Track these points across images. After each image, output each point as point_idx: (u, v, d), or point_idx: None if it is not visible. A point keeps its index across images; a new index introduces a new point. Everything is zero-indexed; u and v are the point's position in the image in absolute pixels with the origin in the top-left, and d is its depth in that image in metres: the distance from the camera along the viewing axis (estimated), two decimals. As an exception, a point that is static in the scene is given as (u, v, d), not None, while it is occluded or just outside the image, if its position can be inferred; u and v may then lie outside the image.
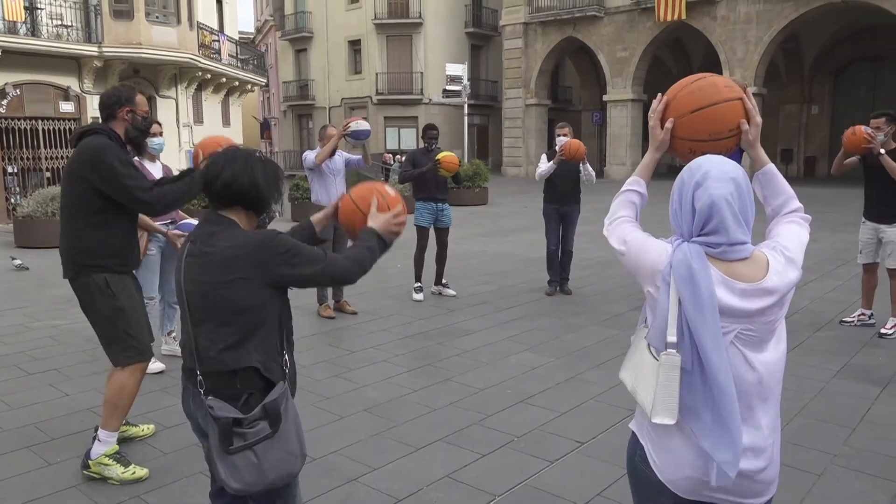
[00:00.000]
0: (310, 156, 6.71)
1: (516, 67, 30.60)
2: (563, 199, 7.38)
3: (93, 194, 3.19)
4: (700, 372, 1.60)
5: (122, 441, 3.60)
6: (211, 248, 2.03)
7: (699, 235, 1.64)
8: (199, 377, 2.03)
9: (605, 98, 29.10)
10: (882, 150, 5.44)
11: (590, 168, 7.30)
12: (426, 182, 7.20)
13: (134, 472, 3.30)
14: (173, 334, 5.31)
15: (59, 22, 16.55)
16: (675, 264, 1.61)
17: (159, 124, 4.96)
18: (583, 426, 3.94)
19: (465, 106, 24.76)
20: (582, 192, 7.47)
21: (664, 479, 1.71)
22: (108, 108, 3.34)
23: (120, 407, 3.33)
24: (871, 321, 5.97)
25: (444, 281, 7.54)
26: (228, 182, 2.06)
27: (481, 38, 35.33)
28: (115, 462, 3.29)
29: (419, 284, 7.32)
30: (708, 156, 1.71)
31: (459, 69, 24.51)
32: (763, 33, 24.12)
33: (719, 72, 25.60)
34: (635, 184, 1.98)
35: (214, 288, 2.00)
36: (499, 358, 5.28)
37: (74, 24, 16.85)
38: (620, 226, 1.89)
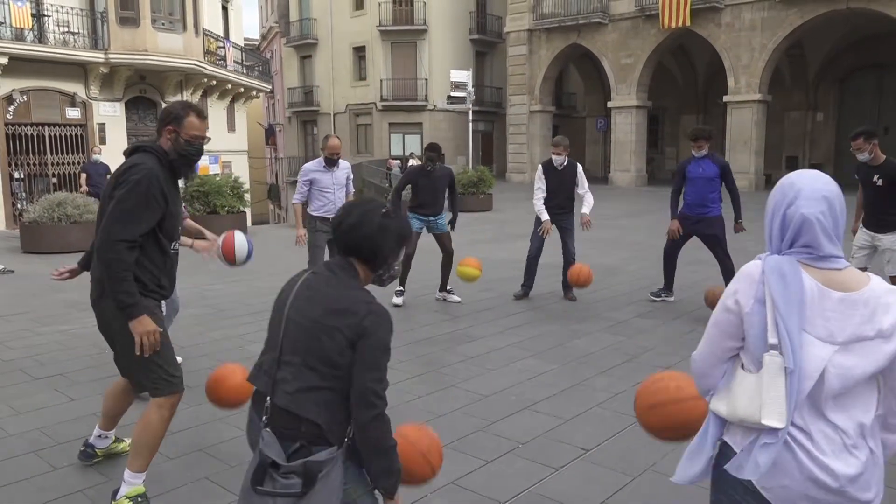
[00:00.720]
0: (310, 167, 6.74)
1: (521, 74, 30.64)
2: (557, 209, 7.35)
3: None
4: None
5: (110, 457, 3.59)
6: (328, 290, 2.01)
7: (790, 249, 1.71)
8: (267, 405, 1.99)
9: (609, 104, 29.11)
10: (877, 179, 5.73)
11: (589, 196, 7.39)
12: (416, 197, 7.25)
13: None
14: None
15: (66, 29, 16.65)
16: (767, 270, 1.68)
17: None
18: (588, 433, 3.94)
19: (470, 112, 24.78)
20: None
21: (759, 485, 1.69)
22: (158, 122, 3.12)
23: (145, 446, 3.06)
24: None
25: (448, 287, 7.52)
26: (347, 229, 2.06)
27: (486, 44, 35.41)
28: None
29: (400, 288, 7.30)
30: (801, 172, 1.78)
31: (464, 76, 24.54)
32: (768, 40, 24.11)
33: (724, 79, 25.63)
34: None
35: (314, 328, 1.96)
36: (503, 364, 5.27)
37: (81, 30, 16.95)
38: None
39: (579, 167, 7.43)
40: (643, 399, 2.38)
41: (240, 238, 4.15)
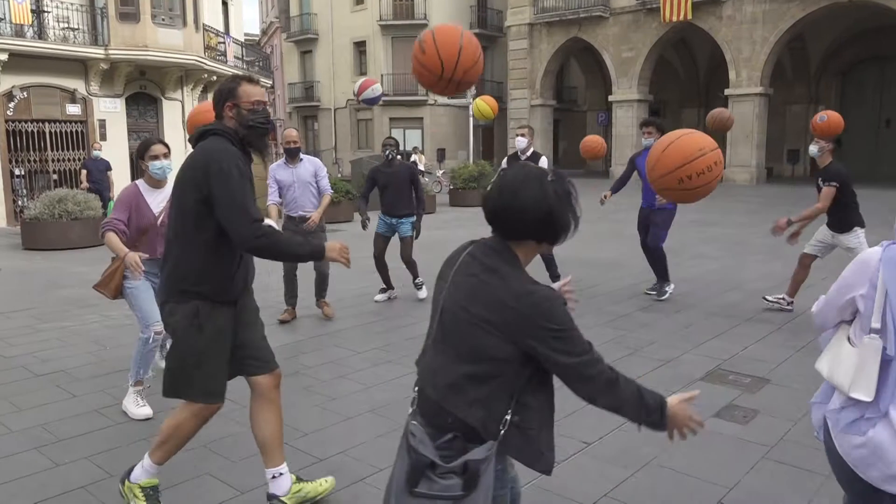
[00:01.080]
0: (273, 165, 6.48)
1: (521, 68, 30.60)
2: None
3: (205, 207, 2.69)
4: None
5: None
6: (487, 280, 1.81)
7: None
8: (415, 394, 1.90)
9: (610, 98, 29.07)
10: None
11: (544, 161, 7.08)
12: (383, 197, 7.12)
13: None
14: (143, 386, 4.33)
15: (66, 25, 16.62)
16: (884, 259, 1.80)
17: (165, 145, 4.25)
18: (589, 427, 3.93)
19: (471, 107, 24.75)
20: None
21: (842, 451, 1.91)
22: (216, 107, 2.86)
23: (169, 442, 2.94)
24: (790, 308, 6.51)
25: (417, 280, 7.35)
26: (519, 213, 1.80)
27: (487, 38, 35.33)
28: (143, 498, 2.97)
29: (382, 287, 7.32)
30: None
31: (465, 70, 24.48)
32: (769, 33, 24.05)
33: (725, 72, 25.55)
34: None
35: (470, 320, 1.80)
36: (505, 359, 5.26)
37: (81, 26, 16.91)
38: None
39: (544, 159, 7.12)
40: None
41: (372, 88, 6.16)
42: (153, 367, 4.37)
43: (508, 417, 1.82)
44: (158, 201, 4.21)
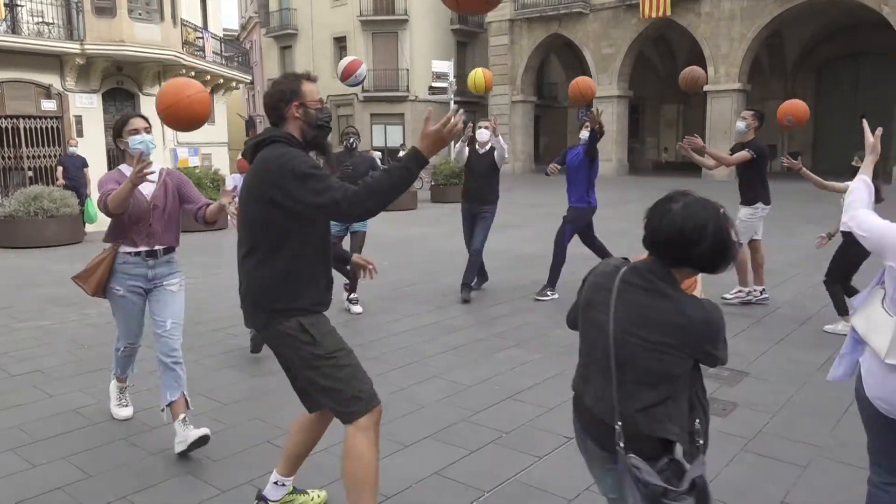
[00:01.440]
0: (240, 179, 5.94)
1: (502, 64, 30.63)
2: (475, 197, 7.03)
3: (280, 218, 2.51)
4: None
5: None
6: (656, 305, 1.89)
7: None
8: (618, 430, 1.90)
9: (590, 94, 29.18)
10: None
11: (502, 141, 6.97)
12: None
13: None
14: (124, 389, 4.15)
15: (41, 19, 16.33)
16: None
17: (144, 118, 3.75)
18: (570, 422, 3.95)
19: (452, 103, 24.71)
20: (500, 192, 7.25)
21: (870, 395, 2.25)
22: (274, 109, 2.67)
23: (364, 483, 2.56)
24: (766, 298, 6.64)
25: (352, 296, 6.61)
26: (695, 245, 1.85)
27: (467, 34, 35.32)
28: None
29: (355, 296, 6.63)
30: None
31: (445, 66, 24.46)
32: (747, 30, 24.29)
33: (703, 68, 25.75)
34: (864, 180, 2.43)
35: (644, 346, 1.87)
36: (486, 354, 5.28)
37: (56, 20, 16.63)
38: (860, 216, 2.34)
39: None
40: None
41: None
42: (132, 369, 4.10)
43: (697, 424, 1.95)
44: (147, 182, 3.61)
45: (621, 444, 1.88)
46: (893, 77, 23.37)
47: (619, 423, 1.89)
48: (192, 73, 20.36)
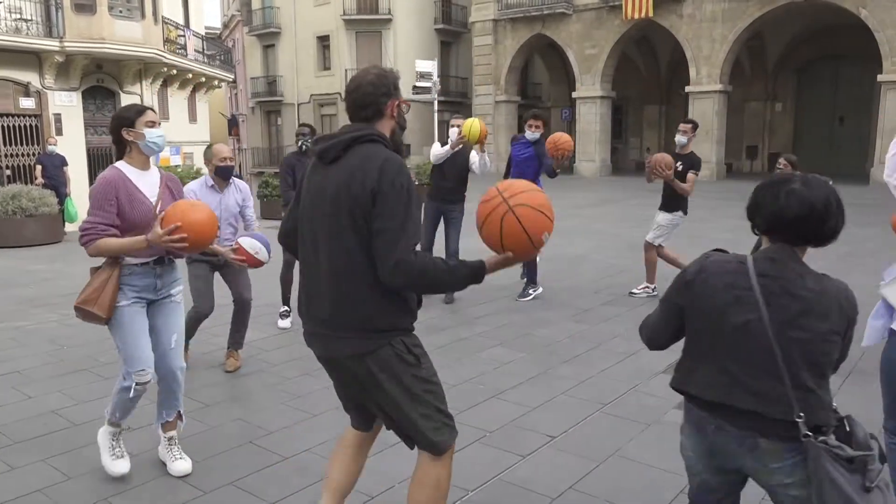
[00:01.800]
0: (192, 186, 4.86)
1: (486, 64, 30.67)
2: (446, 196, 6.92)
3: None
4: None
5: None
6: (807, 293, 1.89)
7: None
8: (800, 423, 1.87)
9: (574, 95, 29.31)
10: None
11: (486, 159, 6.84)
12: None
13: None
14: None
15: (19, 16, 16.12)
16: None
17: (154, 111, 3.29)
18: (554, 420, 3.97)
19: (436, 102, 24.71)
20: (469, 189, 7.09)
21: None
22: (373, 104, 2.30)
23: None
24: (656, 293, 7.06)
25: (285, 308, 6.14)
26: (822, 224, 1.90)
27: (451, 34, 35.32)
28: None
29: (286, 308, 6.13)
30: None
31: (429, 66, 24.43)
32: (728, 31, 24.51)
33: (686, 70, 25.96)
34: None
35: (817, 338, 1.88)
36: (470, 354, 5.29)
37: (34, 17, 16.42)
38: None
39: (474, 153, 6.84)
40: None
41: (249, 244, 4.12)
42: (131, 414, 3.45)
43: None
44: (150, 184, 3.23)
45: (808, 433, 1.87)
46: (871, 78, 23.64)
47: (801, 416, 1.88)
48: (174, 72, 20.21)
